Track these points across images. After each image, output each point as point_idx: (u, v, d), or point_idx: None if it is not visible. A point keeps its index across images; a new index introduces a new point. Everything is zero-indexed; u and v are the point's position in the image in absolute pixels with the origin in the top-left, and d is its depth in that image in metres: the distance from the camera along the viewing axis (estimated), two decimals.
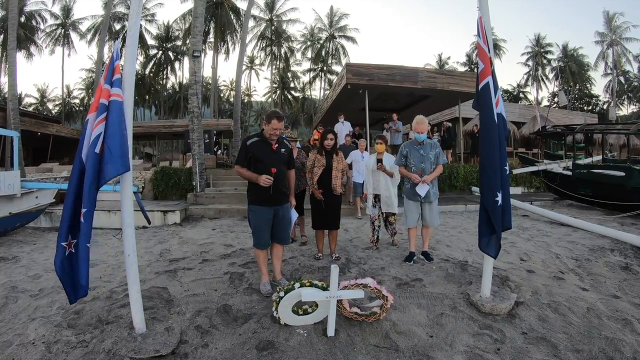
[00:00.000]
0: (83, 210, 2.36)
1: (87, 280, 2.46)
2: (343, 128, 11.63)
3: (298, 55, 46.80)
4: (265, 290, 3.60)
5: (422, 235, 4.88)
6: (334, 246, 4.92)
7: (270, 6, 40.30)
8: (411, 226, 4.71)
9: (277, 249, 3.85)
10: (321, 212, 4.73)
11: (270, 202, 3.61)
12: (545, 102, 46.94)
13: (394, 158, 5.03)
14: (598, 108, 46.07)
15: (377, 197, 5.19)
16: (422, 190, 4.49)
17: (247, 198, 3.79)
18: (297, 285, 2.91)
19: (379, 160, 4.94)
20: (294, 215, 4.15)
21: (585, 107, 46.25)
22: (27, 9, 35.27)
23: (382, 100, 15.35)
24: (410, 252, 4.69)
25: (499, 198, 3.03)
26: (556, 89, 44.45)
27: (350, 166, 7.60)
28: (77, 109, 49.43)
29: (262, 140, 3.65)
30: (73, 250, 2.42)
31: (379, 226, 5.34)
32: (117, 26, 36.68)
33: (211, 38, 35.36)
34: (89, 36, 37.65)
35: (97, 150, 2.40)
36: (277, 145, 3.68)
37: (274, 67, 44.83)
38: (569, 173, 9.80)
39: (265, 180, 3.45)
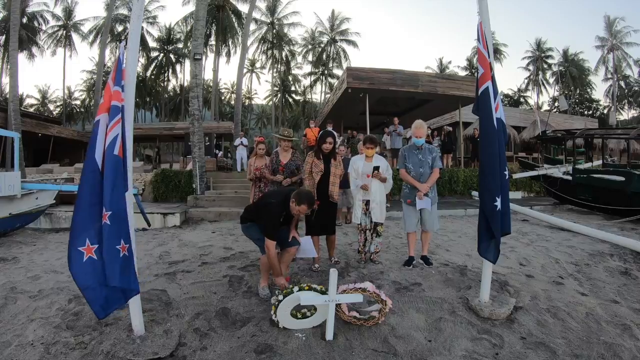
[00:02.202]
0: (108, 213, 2.36)
1: (132, 280, 2.48)
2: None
3: (299, 59, 47.06)
4: (263, 294, 3.59)
5: (421, 239, 4.78)
6: (333, 250, 4.80)
7: (272, 9, 40.46)
8: (410, 231, 4.62)
9: (288, 253, 3.75)
10: (316, 218, 4.45)
11: None
12: (545, 107, 47.16)
13: (384, 159, 4.79)
14: (598, 113, 46.20)
15: (367, 204, 4.63)
16: (421, 204, 4.41)
17: (242, 216, 3.82)
18: (295, 289, 2.91)
19: (376, 168, 4.51)
20: (310, 245, 3.96)
21: (586, 112, 46.39)
22: (29, 10, 35.47)
23: (383, 104, 15.40)
24: (410, 257, 4.63)
25: (498, 203, 3.03)
26: (557, 93, 44.56)
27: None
28: (78, 110, 49.60)
29: (288, 214, 3.55)
30: (95, 257, 2.38)
31: (370, 238, 4.70)
32: (119, 28, 36.86)
33: (212, 41, 35.53)
34: (90, 38, 37.82)
35: (116, 152, 2.42)
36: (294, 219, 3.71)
37: (275, 70, 44.98)
38: (569, 178, 9.80)
39: (282, 285, 3.34)
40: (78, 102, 50.23)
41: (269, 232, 3.39)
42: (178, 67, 43.88)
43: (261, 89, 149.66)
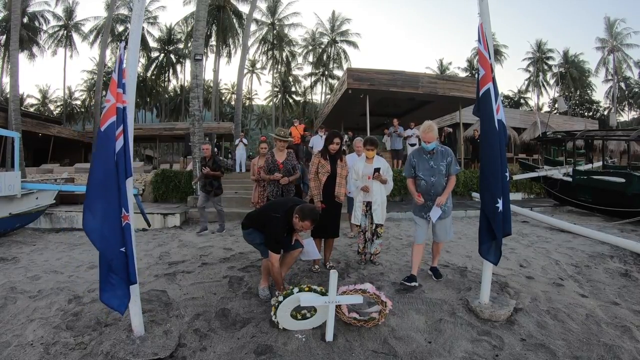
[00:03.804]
0: (128, 215, 2.48)
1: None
2: (320, 141, 11.17)
3: (299, 60, 47.08)
4: (263, 295, 3.59)
5: (432, 250, 4.28)
6: (329, 254, 4.69)
7: (273, 10, 40.48)
8: (419, 242, 4.06)
9: (291, 256, 3.73)
10: (321, 220, 4.29)
11: None
12: (546, 108, 47.16)
13: (384, 161, 4.74)
14: (599, 114, 46.20)
15: (367, 205, 4.65)
16: (434, 214, 3.86)
17: (243, 222, 3.78)
18: (296, 290, 2.91)
19: (377, 170, 4.48)
20: (313, 247, 3.91)
21: (586, 113, 46.37)
22: (30, 9, 35.46)
23: (383, 105, 15.39)
24: (412, 275, 3.98)
25: (500, 205, 3.03)
26: (557, 94, 44.57)
27: None
28: (78, 110, 49.60)
29: (290, 229, 3.54)
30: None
31: (371, 239, 4.72)
32: (120, 28, 36.88)
33: (213, 41, 35.52)
34: (91, 38, 37.85)
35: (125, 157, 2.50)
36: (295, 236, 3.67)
37: (275, 71, 44.99)
38: (569, 179, 9.80)
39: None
40: (78, 102, 50.24)
41: (273, 247, 3.37)
42: (178, 67, 43.91)
43: (261, 90, 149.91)
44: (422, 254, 4.17)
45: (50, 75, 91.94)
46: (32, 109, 45.13)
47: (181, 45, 40.69)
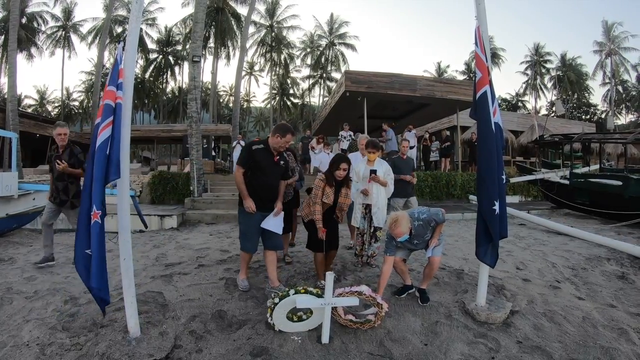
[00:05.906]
0: (99, 212, 2.40)
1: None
2: (328, 159, 10.43)
3: (297, 62, 47.16)
4: (243, 286, 3.78)
5: (424, 272, 3.73)
6: (330, 265, 4.40)
7: (271, 12, 40.56)
8: (392, 255, 3.55)
9: (270, 255, 3.80)
10: (328, 236, 3.96)
11: (261, 208, 3.71)
12: (543, 111, 47.25)
13: (385, 163, 4.72)
14: (596, 117, 46.44)
15: (366, 208, 4.59)
16: (433, 250, 3.56)
17: (238, 200, 3.88)
18: (292, 292, 2.90)
19: (373, 171, 4.41)
20: (280, 222, 3.86)
21: (584, 116, 46.64)
22: (29, 10, 35.42)
23: (381, 108, 15.40)
24: (405, 285, 3.79)
25: (497, 207, 3.04)
26: (554, 98, 44.75)
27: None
28: (76, 111, 49.48)
29: (267, 149, 3.73)
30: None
31: (369, 242, 4.68)
32: (118, 29, 36.89)
33: (211, 43, 35.59)
34: (89, 39, 37.89)
35: (108, 152, 2.43)
36: (278, 157, 3.78)
37: (273, 73, 45.01)
38: (566, 182, 9.84)
39: (250, 207, 3.61)
40: (76, 103, 50.13)
41: (239, 160, 3.73)
42: (177, 69, 43.96)
43: (260, 92, 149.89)
44: (401, 263, 3.70)
45: (48, 76, 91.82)
46: (29, 110, 44.97)
47: (179, 47, 40.77)
